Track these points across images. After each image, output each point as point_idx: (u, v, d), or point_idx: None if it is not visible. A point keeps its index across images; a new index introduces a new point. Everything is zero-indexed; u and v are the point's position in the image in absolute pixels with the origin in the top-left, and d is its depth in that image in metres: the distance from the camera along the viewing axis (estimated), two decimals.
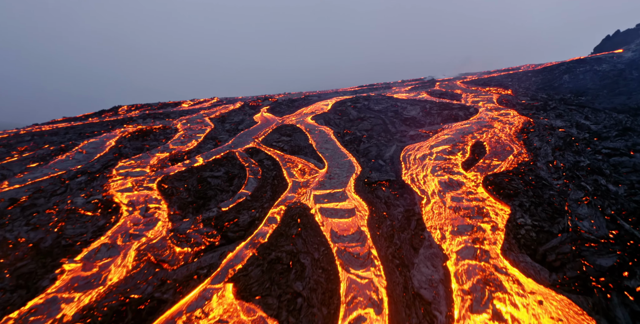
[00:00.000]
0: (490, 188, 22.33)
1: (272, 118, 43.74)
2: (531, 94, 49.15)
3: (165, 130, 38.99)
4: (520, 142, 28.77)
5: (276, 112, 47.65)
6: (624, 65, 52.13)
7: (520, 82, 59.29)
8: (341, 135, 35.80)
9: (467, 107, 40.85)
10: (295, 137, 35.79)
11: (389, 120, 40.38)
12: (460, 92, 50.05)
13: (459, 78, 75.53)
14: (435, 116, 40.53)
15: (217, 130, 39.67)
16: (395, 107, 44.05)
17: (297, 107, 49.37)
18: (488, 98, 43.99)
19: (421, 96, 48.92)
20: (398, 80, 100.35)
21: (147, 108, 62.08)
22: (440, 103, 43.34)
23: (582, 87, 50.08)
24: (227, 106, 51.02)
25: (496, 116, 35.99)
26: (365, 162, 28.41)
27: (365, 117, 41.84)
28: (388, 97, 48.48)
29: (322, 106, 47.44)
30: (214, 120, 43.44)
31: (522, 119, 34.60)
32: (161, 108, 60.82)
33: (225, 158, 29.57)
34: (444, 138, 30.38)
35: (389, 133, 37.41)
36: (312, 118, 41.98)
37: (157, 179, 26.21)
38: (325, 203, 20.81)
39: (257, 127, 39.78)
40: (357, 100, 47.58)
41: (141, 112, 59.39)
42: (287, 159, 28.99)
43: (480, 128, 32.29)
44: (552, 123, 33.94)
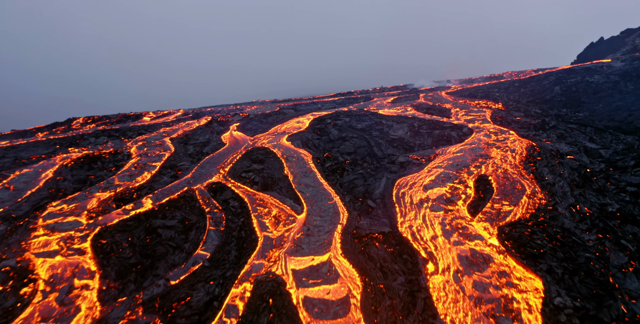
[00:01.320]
0: (508, 245, 18.06)
1: (242, 138, 38.63)
2: (524, 108, 45.73)
3: (116, 156, 33.39)
4: (530, 176, 24.71)
5: (247, 129, 42.53)
6: (617, 76, 49.42)
7: (508, 93, 56.02)
8: (321, 162, 31.11)
9: (459, 127, 36.81)
10: (269, 164, 30.88)
11: (374, 141, 35.95)
12: (450, 106, 46.13)
13: (442, 87, 72.08)
14: (425, 136, 36.34)
15: (178, 154, 34.31)
16: (379, 124, 39.68)
17: (271, 124, 44.38)
18: (481, 116, 40.10)
19: (407, 112, 44.73)
20: (377, 87, 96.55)
21: (104, 121, 55.92)
22: (429, 121, 39.20)
23: (575, 100, 47.02)
24: (192, 123, 45.47)
25: (493, 141, 31.97)
26: (351, 202, 23.77)
27: (347, 137, 37.29)
28: (371, 113, 44.09)
29: (299, 123, 42.63)
30: (175, 142, 38.01)
31: (523, 143, 30.70)
32: (120, 122, 54.76)
33: (182, 198, 24.39)
34: (440, 172, 26.00)
35: (375, 157, 32.96)
36: (287, 139, 37.13)
37: (94, 231, 20.90)
38: (307, 285, 15.90)
39: (224, 150, 34.61)
40: (337, 116, 42.99)
41: (97, 125, 53.30)
42: (259, 200, 24.04)
43: (479, 157, 28.13)
44: (557, 148, 30.19)
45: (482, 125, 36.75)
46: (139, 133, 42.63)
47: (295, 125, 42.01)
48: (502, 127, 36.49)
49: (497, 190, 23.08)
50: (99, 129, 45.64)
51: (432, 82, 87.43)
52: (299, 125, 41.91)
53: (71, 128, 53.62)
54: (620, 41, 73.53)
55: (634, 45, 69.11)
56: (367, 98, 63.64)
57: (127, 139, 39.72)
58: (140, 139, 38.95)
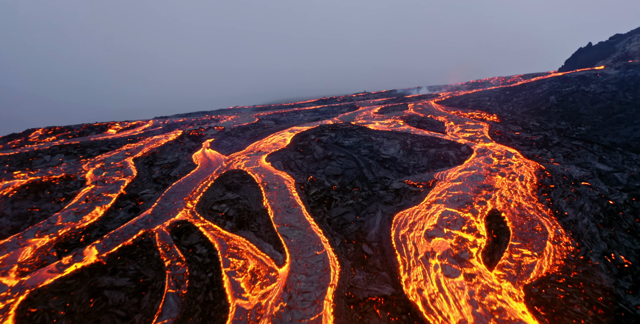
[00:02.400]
0: (540, 312, 14.54)
1: (216, 158, 34.40)
2: (520, 121, 42.81)
3: (68, 183, 28.78)
4: (547, 212, 21.35)
5: (222, 146, 38.28)
6: (614, 85, 47.04)
7: (500, 102, 53.22)
8: (306, 188, 27.24)
9: (457, 145, 33.43)
10: (246, 192, 26.85)
11: (363, 162, 32.27)
12: (443, 119, 42.81)
13: (430, 95, 69.11)
14: (420, 155, 32.85)
15: (141, 179, 29.90)
16: (369, 141, 36.02)
17: (249, 139, 40.23)
18: (479, 133, 36.83)
19: (398, 125, 41.20)
20: (360, 93, 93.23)
21: (66, 133, 50.80)
22: (423, 138, 35.73)
23: (573, 111, 44.39)
24: (160, 139, 40.86)
25: (496, 166, 28.63)
26: (343, 247, 19.96)
27: (333, 156, 33.50)
28: (359, 127, 40.39)
29: (280, 138, 38.65)
30: (139, 163, 33.51)
31: (531, 167, 27.46)
32: (82, 135, 49.74)
33: (139, 244, 20.12)
34: (442, 211, 22.39)
35: (365, 182, 29.29)
36: (267, 159, 33.13)
37: (23, 295, 16.55)
38: None
39: (195, 174, 30.36)
40: (321, 132, 39.15)
41: (57, 138, 48.23)
42: (232, 246, 19.96)
43: (482, 189, 24.68)
44: (569, 172, 27.09)
45: (481, 143, 33.41)
46: (100, 151, 37.92)
47: (276, 141, 38.00)
48: (503, 145, 33.30)
49: (513, 232, 19.60)
50: (56, 144, 40.63)
51: (426, 89, 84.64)
52: (279, 141, 37.91)
53: (28, 140, 48.45)
54: (609, 47, 71.93)
55: (624, 51, 67.55)
56: (352, 107, 60.04)
57: (86, 159, 35.02)
58: (99, 159, 34.29)
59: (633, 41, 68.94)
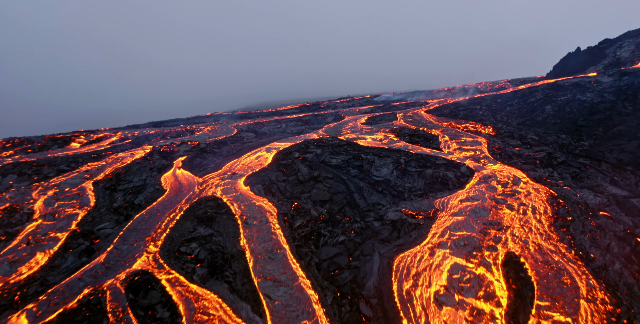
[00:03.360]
0: None
1: (188, 180, 30.61)
2: (517, 134, 40.18)
3: (13, 216, 24.63)
4: (572, 254, 18.39)
5: (195, 166, 34.45)
6: (611, 94, 44.92)
7: (493, 111, 50.68)
8: (290, 220, 23.81)
9: (455, 165, 30.44)
10: (220, 225, 23.25)
11: (353, 185, 29.00)
12: (437, 133, 39.82)
13: (417, 103, 66.30)
14: (416, 177, 29.74)
15: (99, 210, 25.94)
16: (358, 159, 32.73)
17: (226, 157, 36.48)
18: (478, 150, 33.90)
19: (390, 141, 38.00)
20: (344, 98, 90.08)
21: (25, 147, 46.12)
22: (417, 156, 32.62)
23: (571, 123, 42.02)
24: (125, 157, 36.64)
25: (501, 195, 25.64)
26: (336, 305, 16.56)
27: (320, 177, 30.12)
28: (347, 143, 37.06)
29: (260, 157, 35.06)
30: (99, 188, 29.49)
31: (542, 193, 24.60)
32: (43, 149, 45.17)
33: (85, 306, 16.30)
34: (447, 260, 19.18)
35: (357, 210, 26.04)
36: (246, 181, 29.57)
37: None
38: None
39: (161, 203, 26.54)
40: (306, 148, 35.69)
41: (15, 152, 43.60)
42: (200, 308, 16.32)
43: (489, 226, 21.60)
44: (583, 198, 24.36)
45: (482, 163, 30.45)
46: (58, 171, 33.67)
47: (256, 159, 34.38)
48: (505, 165, 30.48)
49: (538, 286, 16.51)
50: (9, 162, 36.08)
51: (411, 94, 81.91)
52: (260, 159, 34.32)
53: None
54: (599, 52, 70.43)
55: (615, 56, 66.07)
56: (338, 117, 56.75)
57: (40, 182, 30.80)
58: (53, 183, 30.10)
59: (624, 47, 67.60)
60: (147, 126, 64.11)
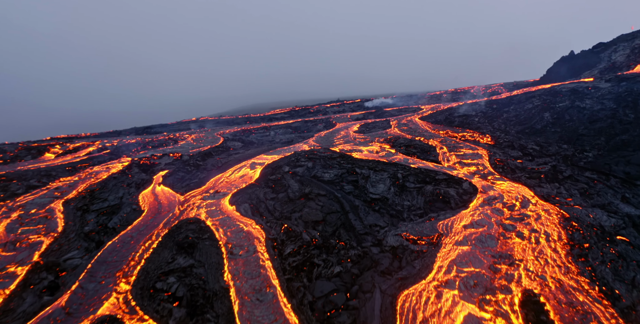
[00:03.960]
0: None
1: (168, 199, 28.19)
2: (517, 144, 38.44)
3: None
4: (595, 292, 16.45)
5: (177, 181, 31.97)
6: (611, 101, 43.53)
7: (490, 118, 49.02)
8: (279, 246, 21.61)
9: (457, 180, 28.49)
10: (202, 254, 20.94)
11: (348, 203, 26.85)
12: (434, 143, 37.85)
13: (410, 108, 64.44)
14: (415, 194, 27.70)
15: (67, 236, 23.39)
16: (352, 174, 30.61)
17: (210, 171, 34.05)
18: (480, 164, 31.93)
19: (387, 153, 35.87)
20: (335, 102, 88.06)
21: None
22: (416, 170, 30.62)
23: (572, 132, 40.46)
24: (100, 172, 33.93)
25: (509, 220, 23.69)
26: None
27: (311, 194, 27.94)
28: (340, 155, 34.91)
29: (247, 170, 32.74)
30: (70, 208, 26.91)
31: (553, 215, 22.73)
32: (16, 159, 42.28)
33: None
34: (457, 299, 17.08)
35: (352, 232, 23.89)
36: (231, 200, 27.28)
37: None
38: None
39: (136, 227, 24.09)
40: (297, 161, 33.46)
41: None
42: None
43: (499, 260, 19.59)
44: (597, 220, 22.56)
45: (484, 177, 28.51)
46: (27, 187, 30.98)
47: (243, 174, 32.05)
48: (509, 180, 28.63)
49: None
50: None
51: (402, 98, 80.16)
52: (247, 173, 32.00)
53: None
54: (594, 56, 69.38)
55: (610, 61, 65.02)
56: (329, 124, 54.58)
57: (5, 200, 28.10)
58: (20, 203, 27.43)
59: (619, 51, 66.65)
60: (130, 133, 61.23)
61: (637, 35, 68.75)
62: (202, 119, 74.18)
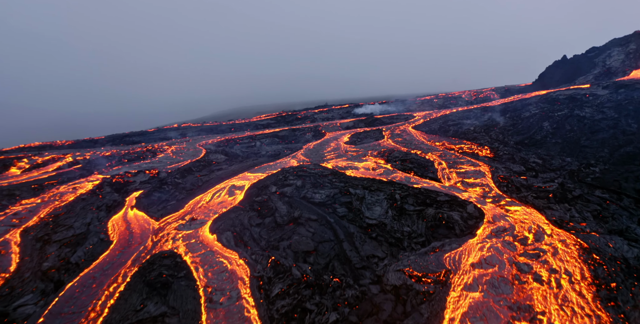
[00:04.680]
0: None
1: (141, 227, 25.24)
2: (518, 156, 36.33)
3: None
4: None
5: (153, 204, 28.96)
6: (612, 110, 41.84)
7: (485, 127, 46.96)
8: (266, 285, 18.98)
9: (460, 202, 26.13)
10: (176, 297, 18.16)
11: (342, 229, 24.29)
12: (432, 157, 35.45)
13: (402, 116, 62.12)
14: (415, 218, 25.24)
15: (22, 276, 20.32)
16: (346, 194, 28.04)
17: (190, 191, 31.12)
18: (485, 187, 29.51)
19: (384, 170, 33.29)
20: (323, 107, 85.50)
21: None
22: (414, 190, 28.18)
23: (574, 143, 38.55)
24: (66, 194, 30.64)
25: (524, 257, 21.36)
26: None
27: (301, 219, 25.32)
28: (331, 172, 32.30)
29: (231, 191, 29.92)
30: (29, 238, 23.78)
31: (572, 248, 20.50)
32: None
33: None
34: None
35: (348, 266, 21.33)
36: (212, 227, 24.48)
37: None
38: None
39: (100, 266, 21.12)
40: (284, 179, 30.76)
41: None
42: None
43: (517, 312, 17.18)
44: (618, 250, 20.42)
45: (489, 198, 26.14)
46: None
47: (225, 195, 29.22)
48: (515, 200, 26.37)
49: None
50: None
51: (392, 105, 77.94)
52: (230, 193, 29.18)
53: None
54: (588, 61, 68.10)
55: (605, 66, 63.72)
56: (317, 133, 51.92)
57: None
58: None
59: (613, 55, 65.45)
60: (106, 142, 57.55)
61: (630, 39, 67.73)
62: (184, 126, 70.72)
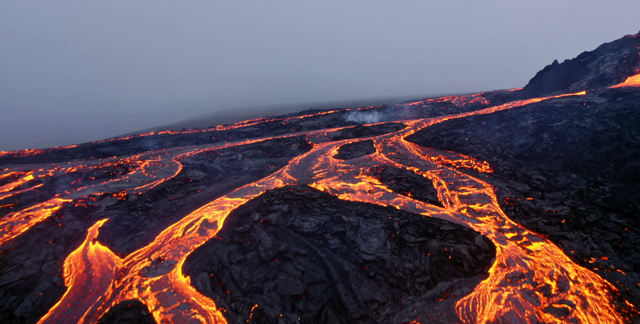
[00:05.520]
0: None
1: (102, 267, 21.76)
2: (520, 173, 33.88)
3: None
4: None
5: (118, 235, 25.44)
6: (614, 121, 39.85)
7: (481, 138, 44.56)
8: None
9: (466, 232, 23.40)
10: None
11: (335, 267, 21.32)
12: (430, 176, 32.60)
13: (392, 125, 59.47)
14: (417, 251, 22.41)
15: None
16: (339, 222, 25.03)
17: (161, 218, 27.68)
18: (493, 213, 26.71)
19: (377, 189, 30.28)
20: (308, 113, 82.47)
21: None
22: (415, 217, 25.33)
23: (577, 157, 36.35)
24: (18, 225, 26.74)
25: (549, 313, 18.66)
26: None
27: (288, 253, 22.26)
28: (321, 195, 29.23)
29: (208, 219, 26.61)
30: None
31: (601, 294, 17.93)
32: None
33: None
34: None
35: (344, 315, 18.38)
36: (185, 268, 21.16)
37: None
38: None
39: (48, 321, 17.66)
40: (269, 204, 27.57)
41: None
42: None
43: None
44: None
45: (497, 226, 23.38)
46: None
47: (202, 223, 25.90)
48: (528, 229, 23.75)
49: None
50: None
51: (377, 113, 75.36)
52: (207, 222, 25.87)
53: None
54: (581, 67, 66.52)
55: (598, 72, 62.19)
56: (303, 144, 48.78)
57: None
58: None
59: (606, 61, 64.03)
60: (76, 152, 53.26)
61: (622, 44, 66.51)
62: (161, 134, 66.68)
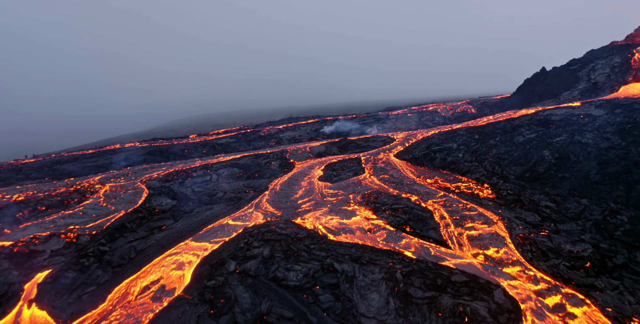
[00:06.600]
0: None
1: None
2: (526, 198, 30.74)
3: None
4: None
5: (62, 293, 20.85)
6: (617, 136, 37.34)
7: (476, 154, 41.43)
8: None
9: (482, 285, 19.81)
10: None
11: None
12: (432, 207, 28.94)
13: (379, 138, 55.95)
14: (425, 310, 18.81)
15: None
16: (330, 271, 21.13)
17: (117, 269, 23.16)
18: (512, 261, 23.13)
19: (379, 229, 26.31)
20: (288, 123, 78.34)
21: None
22: (420, 264, 21.61)
23: (583, 179, 33.54)
24: None
25: None
26: None
27: (270, 316, 18.37)
28: (308, 233, 25.23)
29: (173, 268, 22.30)
30: None
31: None
32: None
33: None
34: None
35: None
36: None
37: None
38: None
39: None
40: (247, 247, 23.39)
41: None
42: None
43: None
44: None
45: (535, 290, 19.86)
46: None
47: (166, 275, 21.57)
48: (550, 277, 20.41)
49: None
50: None
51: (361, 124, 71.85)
52: (172, 275, 21.56)
53: None
54: (571, 75, 64.52)
55: (590, 80, 60.22)
56: (284, 162, 44.71)
57: None
58: None
59: (597, 69, 62.20)
60: (32, 170, 47.53)
61: (612, 52, 64.93)
62: (128, 146, 61.33)
